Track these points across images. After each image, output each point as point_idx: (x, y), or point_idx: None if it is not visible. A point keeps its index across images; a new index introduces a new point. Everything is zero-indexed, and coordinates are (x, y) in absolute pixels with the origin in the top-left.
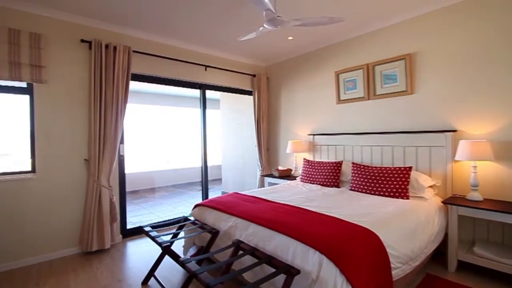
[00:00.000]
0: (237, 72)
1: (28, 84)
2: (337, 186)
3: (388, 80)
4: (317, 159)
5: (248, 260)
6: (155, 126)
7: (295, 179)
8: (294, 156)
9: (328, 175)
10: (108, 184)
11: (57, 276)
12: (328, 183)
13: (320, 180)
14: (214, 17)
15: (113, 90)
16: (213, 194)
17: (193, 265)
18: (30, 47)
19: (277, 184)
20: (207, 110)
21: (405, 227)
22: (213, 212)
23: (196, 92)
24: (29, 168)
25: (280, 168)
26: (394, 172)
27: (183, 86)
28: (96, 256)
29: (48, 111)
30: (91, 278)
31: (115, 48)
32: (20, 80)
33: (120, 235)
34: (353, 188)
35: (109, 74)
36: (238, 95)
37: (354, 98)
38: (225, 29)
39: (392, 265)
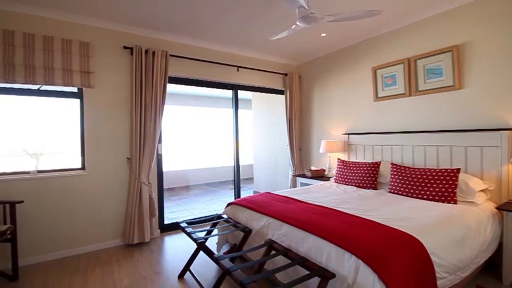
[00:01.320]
0: (269, 71)
1: (78, 89)
2: (375, 188)
3: (432, 74)
4: (353, 159)
5: (280, 260)
6: (189, 126)
7: (328, 179)
8: (327, 156)
9: (364, 176)
10: (147, 181)
11: (103, 266)
12: (365, 185)
13: (355, 181)
14: (246, 18)
15: (152, 92)
16: (245, 193)
17: (226, 262)
18: (80, 55)
19: (309, 184)
20: (239, 110)
21: (452, 234)
22: (245, 211)
23: (229, 93)
24: (79, 166)
25: (313, 168)
26: (439, 174)
27: (216, 87)
28: (137, 249)
29: (95, 113)
30: (133, 268)
31: (153, 53)
32: (72, 86)
33: (158, 230)
34: (392, 191)
35: (149, 78)
36: (269, 94)
37: (394, 95)
38: (256, 29)
39: (437, 275)
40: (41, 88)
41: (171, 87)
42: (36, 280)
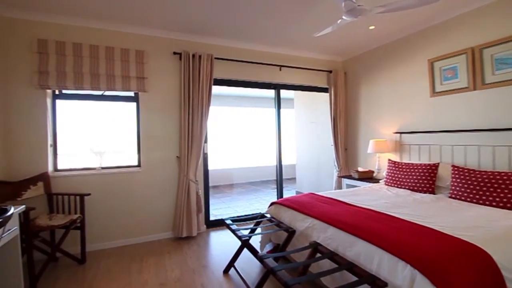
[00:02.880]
0: (312, 69)
1: (135, 93)
2: (432, 192)
3: (503, 65)
4: (405, 160)
5: (326, 264)
6: (232, 126)
7: (378, 182)
8: (376, 157)
9: (420, 179)
10: (195, 178)
11: (156, 256)
12: (420, 189)
13: (409, 184)
14: (288, 16)
15: (198, 94)
16: (287, 193)
17: (271, 262)
18: (136, 62)
19: (356, 186)
20: (281, 110)
21: None
22: (289, 211)
23: (271, 93)
24: (136, 163)
25: (360, 169)
26: None
27: (259, 87)
28: (186, 242)
29: (149, 115)
30: (182, 260)
31: (200, 57)
32: (129, 90)
33: (205, 225)
34: (453, 196)
35: (195, 81)
36: (312, 93)
37: (454, 89)
38: (299, 26)
39: None
40: (103, 94)
41: (215, 89)
42: (100, 264)
